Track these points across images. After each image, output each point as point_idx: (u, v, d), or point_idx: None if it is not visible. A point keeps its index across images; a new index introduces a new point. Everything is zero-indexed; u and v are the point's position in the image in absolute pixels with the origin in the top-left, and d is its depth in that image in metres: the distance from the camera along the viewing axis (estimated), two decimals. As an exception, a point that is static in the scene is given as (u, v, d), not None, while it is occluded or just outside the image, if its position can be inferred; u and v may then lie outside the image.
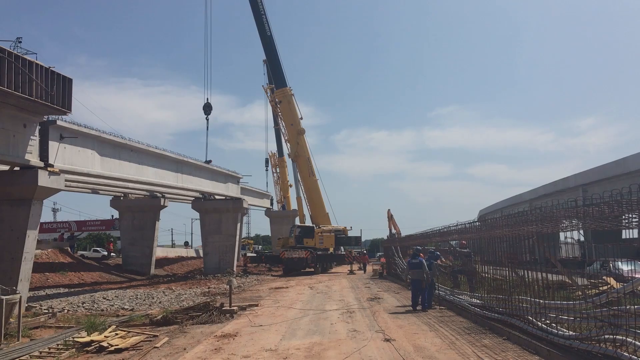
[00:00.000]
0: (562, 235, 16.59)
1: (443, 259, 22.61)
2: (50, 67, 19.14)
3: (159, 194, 48.14)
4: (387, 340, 12.82)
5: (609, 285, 12.12)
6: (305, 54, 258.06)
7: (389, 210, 57.14)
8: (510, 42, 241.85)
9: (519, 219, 12.81)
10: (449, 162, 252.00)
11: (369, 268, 49.43)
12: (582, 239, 14.23)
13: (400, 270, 31.91)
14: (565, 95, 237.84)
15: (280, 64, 49.57)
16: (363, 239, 63.91)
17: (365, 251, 53.42)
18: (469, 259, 19.08)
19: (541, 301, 11.60)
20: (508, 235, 13.95)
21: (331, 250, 50.62)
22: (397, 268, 34.15)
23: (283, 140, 59.37)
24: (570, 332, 10.38)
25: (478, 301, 16.22)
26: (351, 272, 45.00)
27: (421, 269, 18.69)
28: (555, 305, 11.18)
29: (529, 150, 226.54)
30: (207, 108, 46.76)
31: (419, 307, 18.57)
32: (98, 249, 55.38)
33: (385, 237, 56.75)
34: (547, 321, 11.34)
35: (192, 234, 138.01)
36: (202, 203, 49.19)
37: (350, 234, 54.87)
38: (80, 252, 50.69)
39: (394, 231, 55.33)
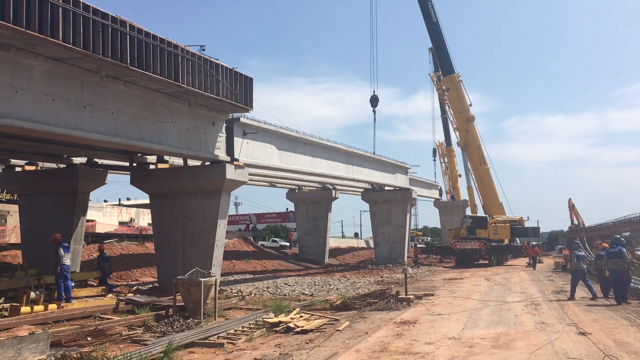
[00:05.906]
0: None
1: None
2: (233, 68, 20.63)
3: (330, 186, 49.72)
4: (582, 333, 11.83)
5: None
6: (469, 37, 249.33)
7: (569, 199, 53.05)
8: None
9: None
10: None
11: (550, 261, 46.20)
12: None
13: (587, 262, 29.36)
14: None
15: (447, 51, 48.36)
16: (541, 231, 59.92)
17: (533, 243, 49.79)
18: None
19: None
20: None
21: (506, 241, 48.22)
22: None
23: (451, 129, 57.92)
24: None
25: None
26: (530, 265, 42.33)
27: (621, 258, 17.00)
28: None
29: None
30: (374, 100, 47.02)
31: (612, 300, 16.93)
32: (276, 239, 59.15)
33: (566, 229, 52.73)
34: None
35: (361, 225, 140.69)
36: (372, 194, 49.85)
37: (527, 224, 51.92)
38: (260, 242, 54.33)
39: (576, 222, 51.27)
